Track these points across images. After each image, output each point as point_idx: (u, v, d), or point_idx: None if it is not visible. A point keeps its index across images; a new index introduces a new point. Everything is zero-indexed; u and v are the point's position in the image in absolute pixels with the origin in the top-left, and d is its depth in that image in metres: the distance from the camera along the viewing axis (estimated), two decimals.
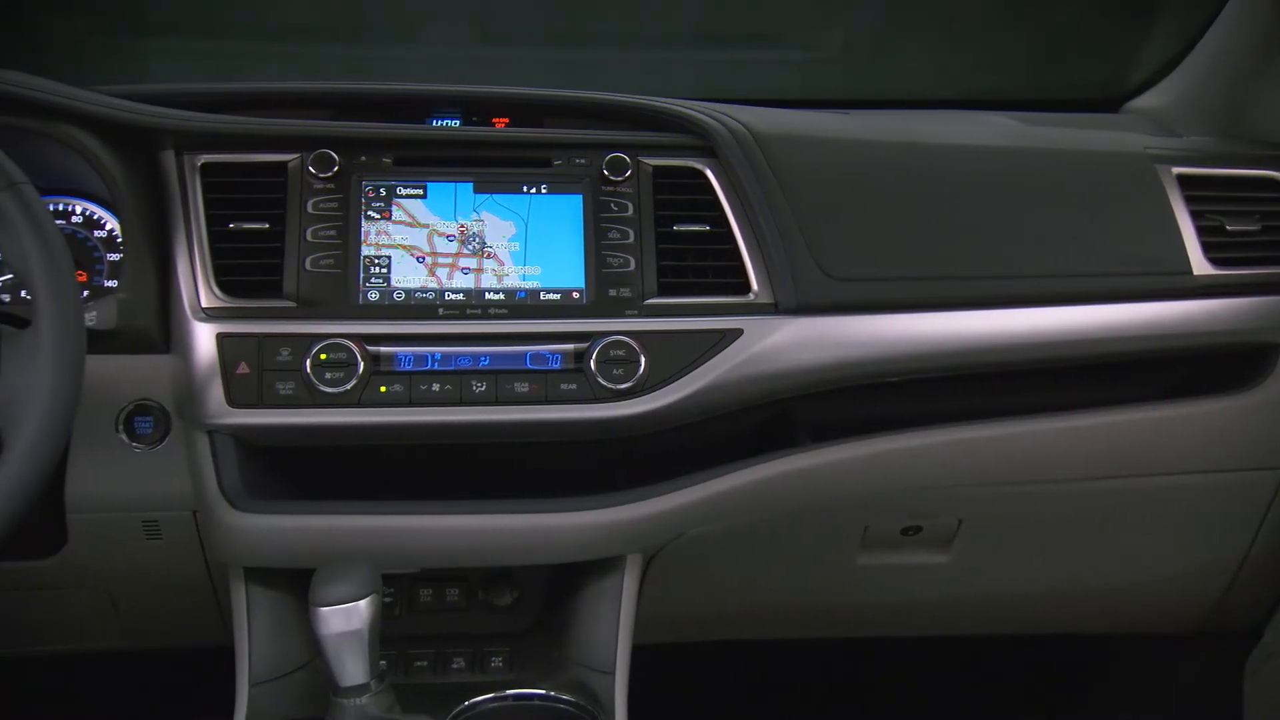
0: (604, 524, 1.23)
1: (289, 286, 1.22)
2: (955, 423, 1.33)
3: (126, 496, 1.24)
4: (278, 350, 1.19)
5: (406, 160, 1.28)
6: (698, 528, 1.29)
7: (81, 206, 1.30)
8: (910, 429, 1.32)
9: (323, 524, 1.20)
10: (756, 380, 1.26)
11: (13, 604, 1.33)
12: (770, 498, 1.30)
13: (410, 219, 1.27)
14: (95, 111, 1.19)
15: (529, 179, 1.29)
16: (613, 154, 1.29)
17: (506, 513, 1.22)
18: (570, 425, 1.22)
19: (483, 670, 1.29)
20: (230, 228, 1.23)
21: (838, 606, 1.54)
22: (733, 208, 1.29)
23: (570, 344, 1.22)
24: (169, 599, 1.39)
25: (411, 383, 1.20)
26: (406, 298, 1.24)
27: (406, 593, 1.36)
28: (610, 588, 1.28)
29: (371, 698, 1.09)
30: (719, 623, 1.58)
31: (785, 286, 1.26)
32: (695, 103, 1.35)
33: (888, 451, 1.31)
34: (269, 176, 1.25)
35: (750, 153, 1.28)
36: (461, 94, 1.36)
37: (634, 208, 1.28)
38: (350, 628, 1.07)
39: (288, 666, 1.25)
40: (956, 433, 1.33)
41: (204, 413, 1.18)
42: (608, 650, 1.26)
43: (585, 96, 1.34)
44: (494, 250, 1.27)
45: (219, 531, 1.21)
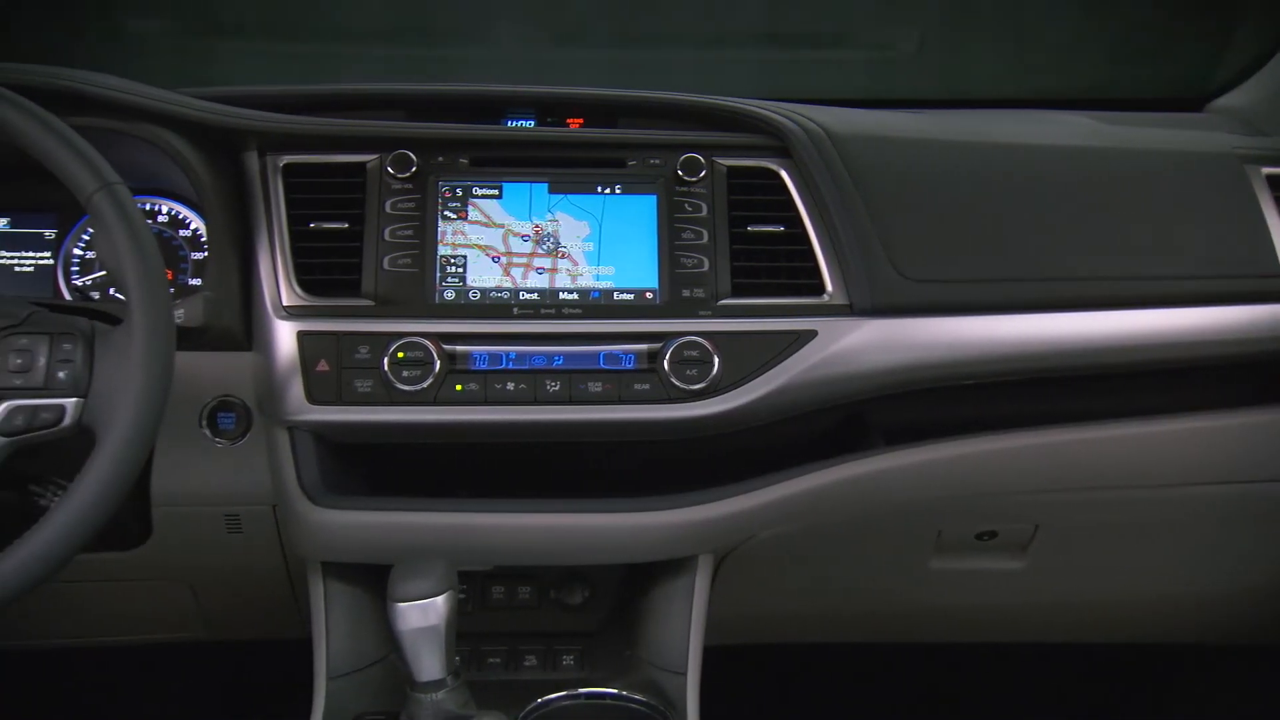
0: (677, 524, 1.23)
1: (367, 285, 1.23)
2: (1032, 427, 1.31)
3: (209, 490, 1.27)
4: (356, 348, 1.20)
5: (482, 161, 1.29)
6: (770, 529, 1.28)
7: (168, 206, 1.33)
8: (986, 433, 1.30)
9: (399, 520, 1.22)
10: (830, 382, 1.25)
11: (99, 594, 1.37)
12: (843, 501, 1.29)
13: (486, 219, 1.28)
14: (183, 114, 1.22)
15: (603, 179, 1.29)
16: (687, 154, 1.29)
17: (581, 512, 1.22)
18: (643, 425, 1.23)
19: (554, 668, 1.30)
20: (311, 227, 1.25)
21: (910, 611, 1.53)
22: (807, 208, 1.28)
23: (644, 344, 1.23)
24: (248, 592, 1.41)
25: (486, 381, 1.21)
26: (482, 297, 1.25)
27: (479, 590, 1.37)
28: (682, 588, 1.28)
29: (447, 693, 1.10)
30: (789, 624, 1.57)
31: (860, 288, 1.25)
32: (770, 103, 1.34)
33: (963, 455, 1.30)
34: (348, 177, 1.27)
35: (825, 153, 1.28)
36: (536, 95, 1.37)
37: (708, 208, 1.28)
38: (427, 623, 1.08)
39: (364, 661, 1.27)
40: (1033, 437, 1.30)
41: (284, 409, 1.20)
42: (679, 651, 1.26)
43: (660, 97, 1.35)
44: (568, 250, 1.27)
45: (298, 526, 1.23)
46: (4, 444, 0.97)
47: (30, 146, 0.99)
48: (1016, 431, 1.30)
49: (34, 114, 1.00)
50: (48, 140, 0.99)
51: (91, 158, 1.00)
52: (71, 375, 0.99)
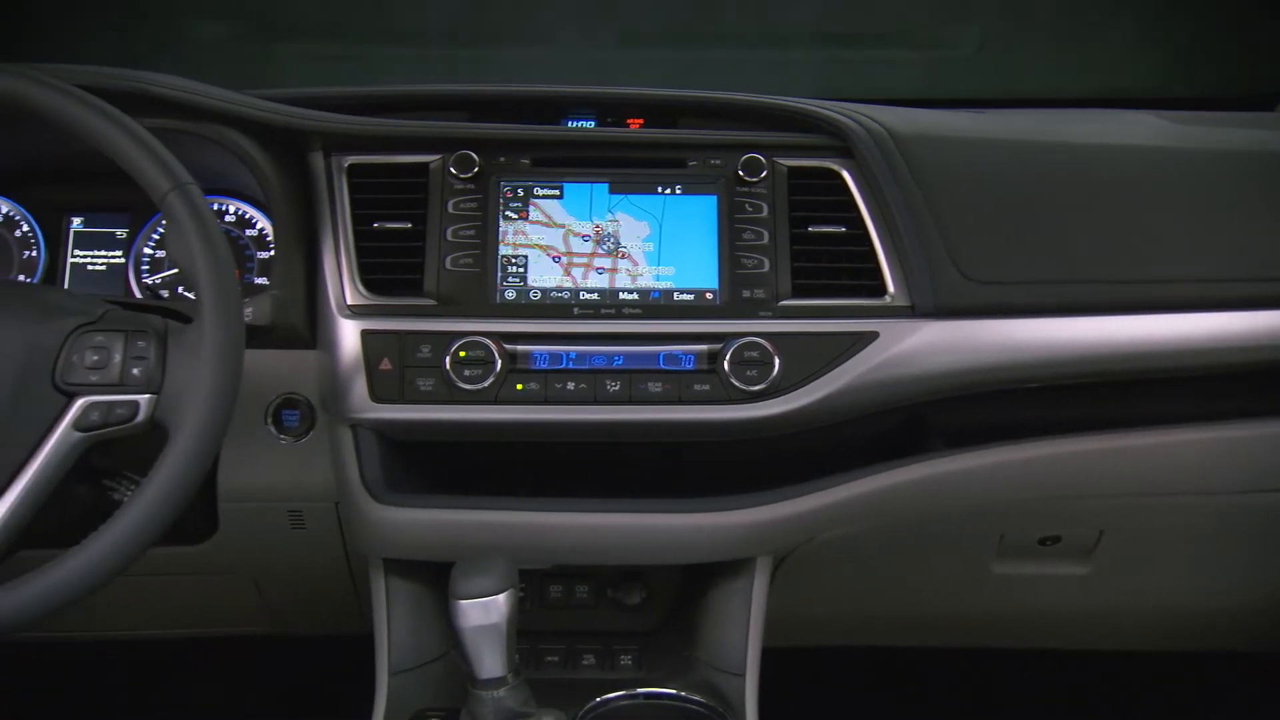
0: (737, 525, 1.23)
1: (429, 284, 1.24)
2: (1098, 431, 1.29)
3: (273, 486, 1.29)
4: (418, 347, 1.21)
5: (544, 161, 1.30)
6: (830, 531, 1.28)
7: (234, 206, 1.36)
8: (1051, 436, 1.28)
9: (460, 518, 1.23)
10: (891, 384, 1.24)
11: (167, 588, 1.39)
12: (904, 503, 1.28)
13: (547, 219, 1.28)
14: (252, 114, 1.24)
15: (664, 180, 1.29)
16: (748, 155, 1.28)
17: (640, 512, 1.23)
18: (702, 426, 1.22)
19: (612, 668, 1.31)
20: (374, 227, 1.27)
21: (970, 615, 1.51)
22: (869, 209, 1.27)
23: (704, 344, 1.22)
24: (310, 588, 1.43)
25: (547, 381, 1.22)
26: (542, 297, 1.25)
27: (537, 588, 1.38)
28: (740, 589, 1.28)
29: (508, 691, 1.10)
30: (848, 627, 1.56)
31: (923, 289, 1.24)
32: (831, 103, 1.33)
33: (1027, 459, 1.28)
34: (412, 177, 1.28)
35: (888, 153, 1.27)
36: (597, 95, 1.37)
37: (769, 208, 1.28)
38: (489, 621, 1.09)
39: (425, 657, 1.28)
40: (1099, 441, 1.28)
41: (348, 407, 1.22)
42: (738, 652, 1.26)
43: (721, 97, 1.34)
44: (628, 250, 1.28)
45: (360, 523, 1.24)
46: (80, 439, 1.00)
47: (106, 147, 1.01)
48: (1084, 435, 1.28)
49: (110, 116, 1.02)
50: (124, 141, 1.01)
51: (165, 158, 1.02)
52: (145, 372, 1.01)
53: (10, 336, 0.99)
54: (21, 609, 0.94)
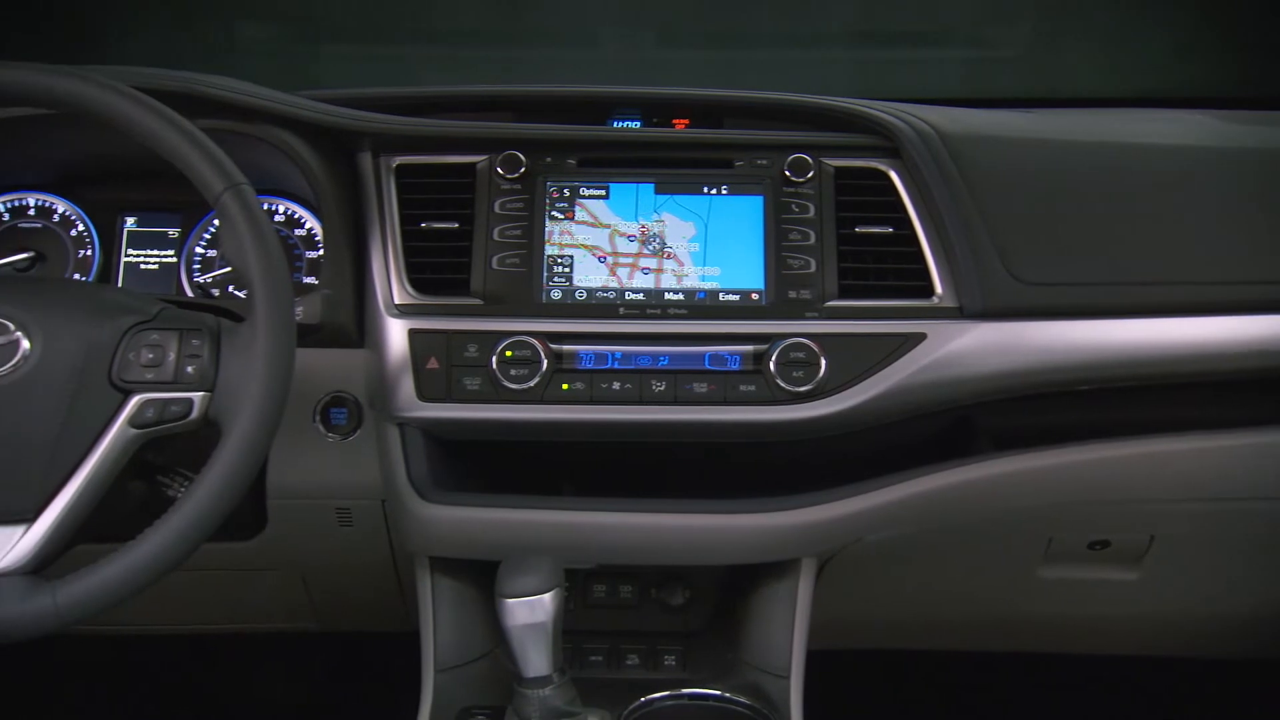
0: (782, 527, 1.23)
1: (476, 284, 1.25)
2: (1150, 434, 1.27)
3: (321, 484, 1.30)
4: (465, 346, 1.22)
5: (590, 161, 1.30)
6: (876, 534, 1.27)
7: (284, 206, 1.37)
8: (1101, 439, 1.27)
9: (507, 517, 1.23)
10: (939, 386, 1.23)
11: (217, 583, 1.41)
12: (952, 506, 1.27)
13: (593, 219, 1.29)
14: (302, 115, 1.25)
15: (710, 180, 1.29)
16: (795, 155, 1.28)
17: (686, 512, 1.22)
18: (748, 427, 1.22)
19: (656, 668, 1.31)
20: (422, 226, 1.27)
21: (1017, 619, 1.50)
22: (917, 210, 1.26)
23: (749, 345, 1.22)
24: (357, 584, 1.44)
25: (593, 381, 1.22)
26: (588, 297, 1.26)
27: (581, 588, 1.38)
28: (785, 591, 1.28)
29: (554, 690, 1.11)
30: (894, 630, 1.55)
31: (971, 290, 1.23)
32: (879, 102, 1.33)
33: (1076, 463, 1.27)
34: (459, 177, 1.29)
35: (937, 153, 1.26)
36: (643, 95, 1.37)
37: (815, 209, 1.27)
38: (535, 620, 1.10)
39: (470, 655, 1.29)
40: (1151, 445, 1.27)
41: (395, 405, 1.22)
42: (782, 653, 1.26)
43: (767, 97, 1.34)
44: (674, 251, 1.28)
45: (407, 521, 1.25)
46: (135, 436, 1.01)
47: (162, 148, 1.02)
48: (1136, 439, 1.26)
49: (166, 117, 1.03)
50: (179, 142, 1.02)
51: (220, 159, 1.03)
52: (199, 370, 1.02)
53: (69, 334, 1.01)
54: (80, 602, 0.95)
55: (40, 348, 1.00)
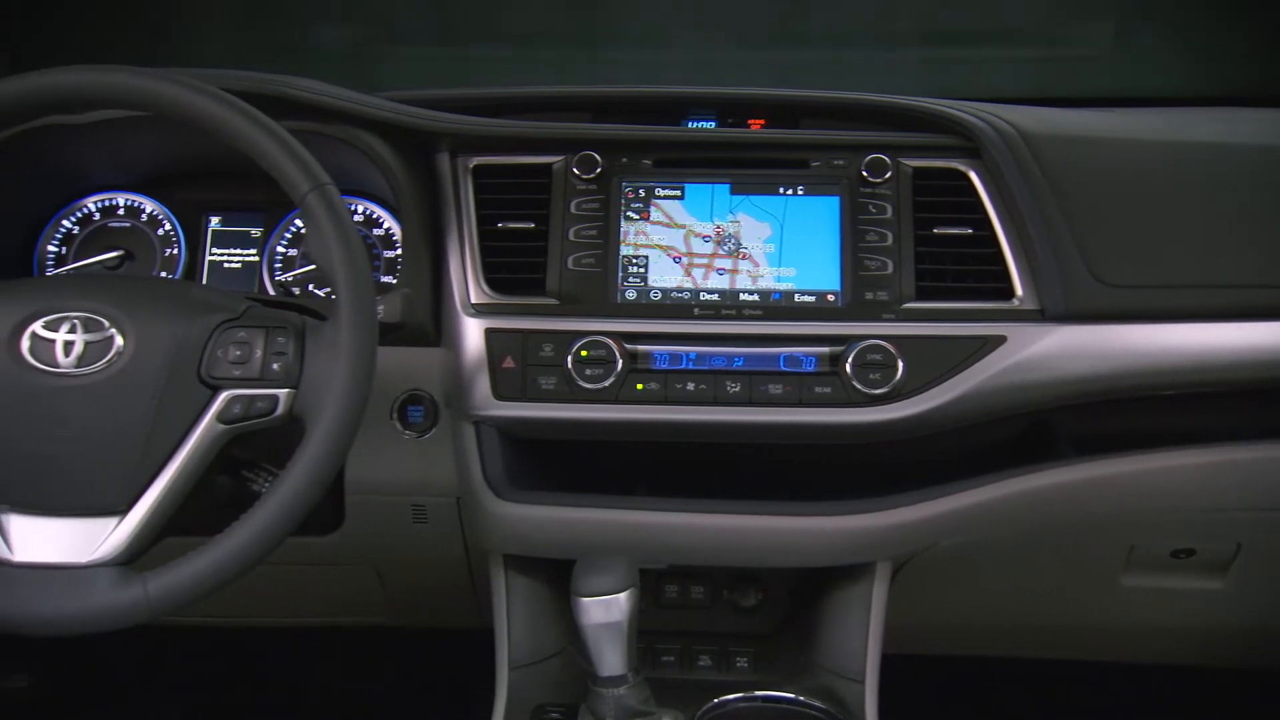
0: (857, 530, 1.22)
1: (551, 284, 1.26)
2: (1237, 441, 1.24)
3: (397, 481, 1.31)
4: (541, 346, 1.23)
5: (665, 162, 1.30)
6: (952, 538, 1.26)
7: (363, 206, 1.39)
8: (1186, 446, 1.24)
9: (581, 516, 1.24)
10: (1019, 390, 1.21)
11: (295, 577, 1.43)
12: (1032, 511, 1.25)
13: (668, 219, 1.29)
14: (384, 116, 1.26)
15: (786, 180, 1.29)
16: (872, 155, 1.27)
17: (761, 514, 1.22)
18: (823, 429, 1.21)
19: (728, 669, 1.30)
20: (498, 226, 1.28)
21: (1096, 627, 1.47)
22: (997, 211, 1.25)
23: (825, 347, 1.21)
24: (430, 581, 1.46)
25: (667, 381, 1.22)
26: (663, 297, 1.26)
27: (653, 588, 1.38)
28: (859, 594, 1.27)
29: (629, 689, 1.11)
30: (969, 636, 1.53)
31: (1054, 293, 1.21)
32: (958, 102, 1.31)
33: (1160, 469, 1.24)
34: (535, 178, 1.30)
35: (1019, 154, 1.24)
36: (718, 95, 1.37)
37: (893, 210, 1.26)
38: (610, 619, 1.10)
39: (543, 653, 1.29)
40: (1238, 452, 1.24)
41: (471, 404, 1.23)
42: (857, 658, 1.25)
43: (844, 97, 1.33)
44: (749, 251, 1.27)
45: (482, 518, 1.26)
46: (223, 431, 1.03)
47: (250, 149, 1.04)
48: (1223, 445, 1.24)
49: (254, 118, 1.05)
50: (267, 143, 1.04)
51: (306, 160, 1.05)
52: (284, 367, 1.04)
53: (161, 331, 1.03)
54: (171, 594, 0.97)
55: (133, 344, 1.03)
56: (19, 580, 0.98)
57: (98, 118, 1.25)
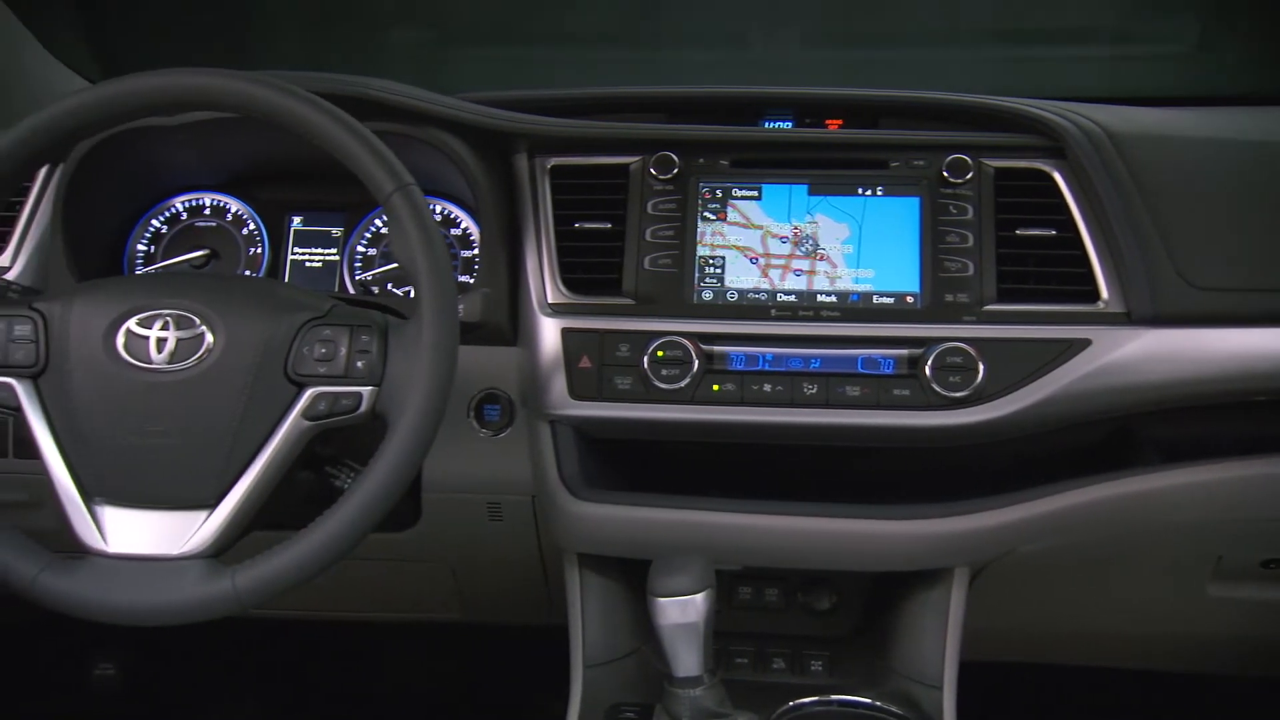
0: (936, 534, 1.20)
1: (628, 284, 1.26)
2: None
3: (473, 479, 1.32)
4: (617, 346, 1.23)
5: (743, 162, 1.30)
6: (1033, 544, 1.23)
7: (441, 206, 1.40)
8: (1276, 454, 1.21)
9: (657, 516, 1.24)
10: (1103, 394, 1.19)
11: (373, 572, 1.45)
12: (1116, 518, 1.22)
13: (745, 220, 1.28)
14: (464, 118, 1.27)
15: (865, 181, 1.27)
16: (953, 155, 1.25)
17: (839, 517, 1.21)
18: (901, 432, 1.20)
19: (802, 672, 1.30)
20: (575, 227, 1.29)
21: (1182, 637, 1.44)
22: (1082, 212, 1.22)
23: (904, 349, 1.20)
24: (504, 578, 1.47)
25: (743, 382, 1.22)
26: (740, 298, 1.25)
27: (726, 589, 1.37)
28: (936, 599, 1.25)
29: (705, 690, 1.11)
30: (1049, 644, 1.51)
31: (1141, 295, 1.18)
32: (1041, 101, 1.29)
33: (1249, 477, 1.21)
34: (612, 178, 1.30)
35: (1105, 154, 1.22)
36: (796, 96, 1.36)
37: (974, 210, 1.24)
38: (686, 620, 1.09)
39: (617, 652, 1.30)
40: None
41: (547, 403, 1.24)
42: (934, 664, 1.24)
43: (924, 96, 1.32)
44: (827, 252, 1.26)
45: (558, 517, 1.26)
46: (308, 428, 1.05)
47: (336, 149, 1.06)
48: None
49: (341, 119, 1.06)
50: (353, 144, 1.05)
51: (390, 160, 1.06)
52: (368, 365, 1.05)
53: (249, 329, 1.05)
54: (257, 587, 0.99)
55: (223, 342, 1.05)
56: (114, 571, 1.01)
57: (187, 119, 1.28)
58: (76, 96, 1.06)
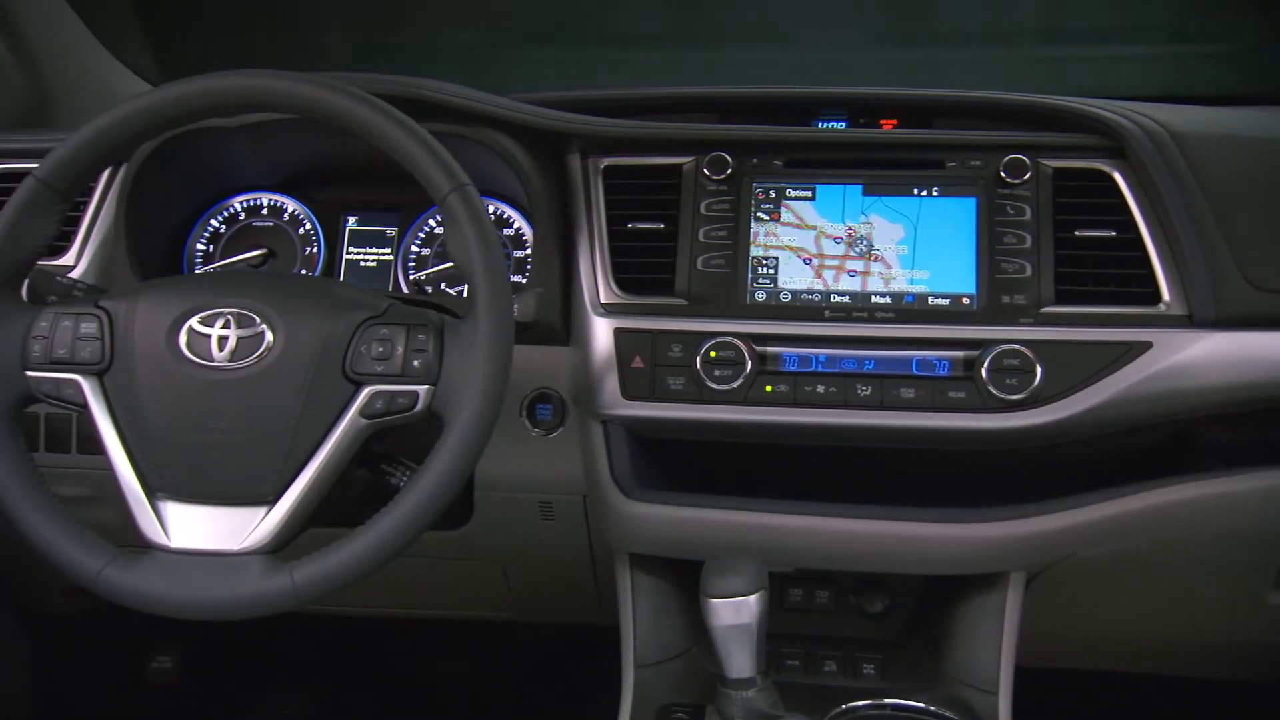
0: (993, 538, 1.19)
1: (680, 285, 1.26)
2: None
3: (525, 478, 1.32)
4: (670, 346, 1.23)
5: (796, 162, 1.29)
6: (1090, 549, 1.22)
7: (494, 206, 1.41)
8: None
9: (709, 517, 1.23)
10: (1164, 398, 1.17)
11: (423, 570, 1.46)
12: (1173, 524, 1.21)
13: (799, 220, 1.28)
14: (517, 118, 1.28)
15: (920, 181, 1.27)
16: (1011, 155, 1.24)
17: (894, 519, 1.20)
18: (957, 434, 1.19)
19: (854, 675, 1.29)
20: (628, 227, 1.29)
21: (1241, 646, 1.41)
22: (1143, 213, 1.21)
23: (960, 351, 1.19)
24: (555, 577, 1.47)
25: (797, 383, 1.21)
26: (793, 299, 1.25)
27: (777, 591, 1.37)
28: (992, 604, 1.24)
29: (758, 692, 1.10)
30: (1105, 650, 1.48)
31: (1203, 298, 1.16)
32: (1100, 100, 1.27)
33: None
34: (665, 178, 1.30)
35: (1167, 154, 1.20)
36: (850, 95, 1.35)
37: (1032, 211, 1.23)
38: (740, 621, 1.09)
39: (668, 653, 1.29)
40: None
41: (599, 403, 1.24)
42: (989, 669, 1.22)
43: (981, 96, 1.30)
44: (881, 253, 1.25)
45: (610, 517, 1.26)
46: (365, 426, 1.05)
47: (394, 149, 1.06)
48: None
49: (399, 120, 1.07)
50: (410, 144, 1.06)
51: (447, 161, 1.06)
52: (424, 364, 1.06)
53: (308, 328, 1.06)
54: (315, 583, 1.00)
55: (282, 340, 1.06)
56: (177, 566, 1.02)
57: (246, 121, 1.30)
58: (147, 97, 1.08)
